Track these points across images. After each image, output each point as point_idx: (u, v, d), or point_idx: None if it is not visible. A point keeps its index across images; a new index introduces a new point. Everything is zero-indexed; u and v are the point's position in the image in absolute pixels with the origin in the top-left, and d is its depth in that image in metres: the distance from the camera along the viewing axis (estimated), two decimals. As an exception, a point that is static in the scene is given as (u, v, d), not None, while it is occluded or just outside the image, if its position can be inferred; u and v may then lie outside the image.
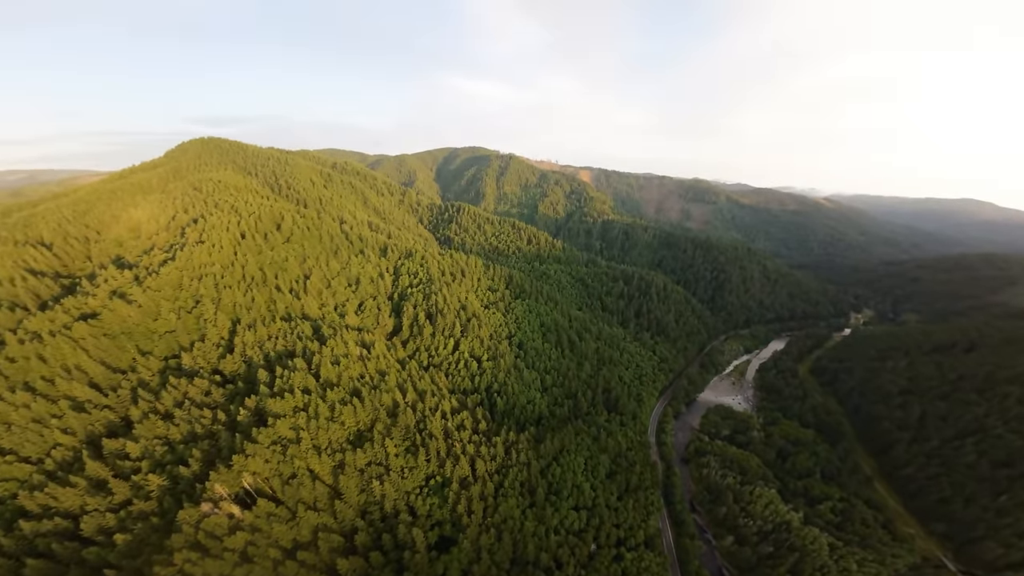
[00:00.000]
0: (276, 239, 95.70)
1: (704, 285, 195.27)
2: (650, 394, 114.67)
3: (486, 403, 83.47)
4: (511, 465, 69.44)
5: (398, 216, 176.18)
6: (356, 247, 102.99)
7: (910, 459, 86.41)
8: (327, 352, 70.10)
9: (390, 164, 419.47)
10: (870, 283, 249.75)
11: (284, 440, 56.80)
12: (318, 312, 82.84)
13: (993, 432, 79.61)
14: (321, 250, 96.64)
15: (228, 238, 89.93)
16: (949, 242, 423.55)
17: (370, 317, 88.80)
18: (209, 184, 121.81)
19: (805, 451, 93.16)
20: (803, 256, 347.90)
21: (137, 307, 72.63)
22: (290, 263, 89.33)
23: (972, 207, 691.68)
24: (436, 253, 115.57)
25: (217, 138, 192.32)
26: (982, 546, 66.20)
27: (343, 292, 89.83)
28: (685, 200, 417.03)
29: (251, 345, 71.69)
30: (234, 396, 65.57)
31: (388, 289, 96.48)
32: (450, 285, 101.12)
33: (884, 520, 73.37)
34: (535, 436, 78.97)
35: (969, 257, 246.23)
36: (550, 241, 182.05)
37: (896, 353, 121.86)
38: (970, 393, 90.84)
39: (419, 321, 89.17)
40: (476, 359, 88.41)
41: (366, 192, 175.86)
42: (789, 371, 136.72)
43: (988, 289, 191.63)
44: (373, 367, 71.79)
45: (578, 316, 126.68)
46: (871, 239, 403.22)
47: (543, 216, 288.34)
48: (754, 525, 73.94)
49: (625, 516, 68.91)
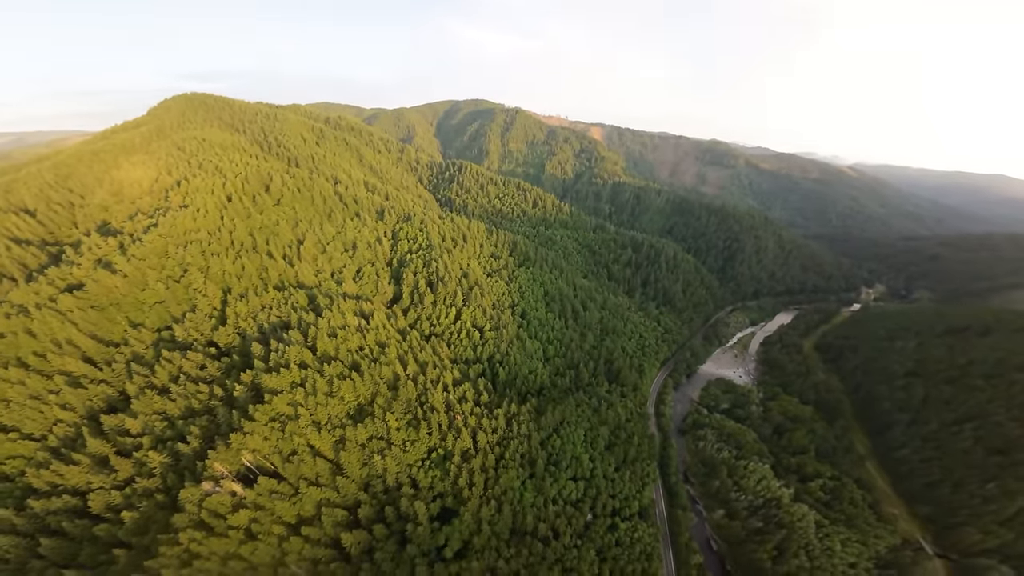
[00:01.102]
0: (265, 202, 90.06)
1: (715, 254, 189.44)
2: (652, 365, 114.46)
3: (488, 373, 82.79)
4: (512, 437, 69.71)
5: (396, 175, 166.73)
6: (351, 209, 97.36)
7: (906, 441, 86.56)
8: (324, 324, 67.75)
9: (387, 118, 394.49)
10: (886, 258, 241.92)
11: (282, 417, 56.08)
12: (314, 280, 79.56)
13: (993, 419, 78.62)
14: (314, 213, 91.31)
15: (213, 201, 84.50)
16: (974, 219, 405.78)
17: (369, 284, 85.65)
18: (193, 143, 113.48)
19: (802, 428, 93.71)
20: (820, 227, 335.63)
21: (123, 277, 69.50)
22: (281, 227, 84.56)
23: (1002, 183, 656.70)
24: (436, 217, 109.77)
25: (202, 94, 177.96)
26: (962, 531, 67.32)
27: (339, 258, 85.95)
28: (701, 163, 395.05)
29: (244, 316, 69.33)
30: (230, 370, 64.30)
31: (387, 255, 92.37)
32: (451, 251, 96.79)
33: (872, 500, 74.75)
34: (536, 408, 78.99)
35: (994, 236, 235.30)
36: (557, 204, 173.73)
37: (906, 333, 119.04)
38: (977, 378, 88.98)
39: (419, 289, 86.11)
40: (478, 329, 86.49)
41: (361, 149, 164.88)
42: (794, 346, 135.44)
43: (1009, 271, 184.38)
44: (372, 339, 69.78)
45: (583, 285, 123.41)
46: (892, 212, 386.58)
47: (550, 176, 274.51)
48: (745, 499, 75.49)
49: (621, 487, 70.36)
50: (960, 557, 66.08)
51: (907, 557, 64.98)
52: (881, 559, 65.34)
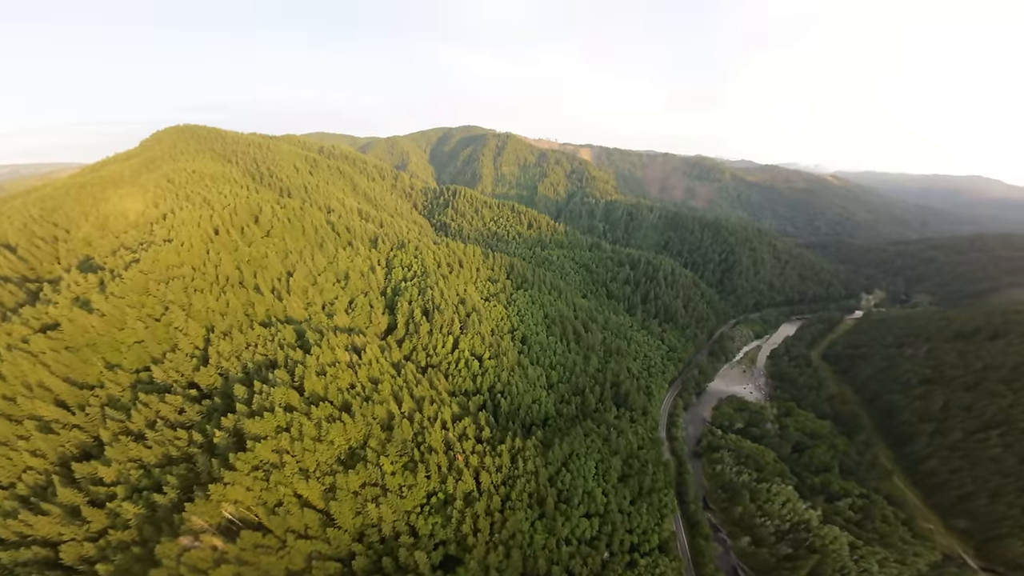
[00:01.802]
0: (254, 233, 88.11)
1: (712, 268, 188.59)
2: (659, 386, 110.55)
3: (489, 405, 78.71)
4: (518, 476, 65.23)
5: (390, 202, 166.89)
6: (344, 239, 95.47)
7: (932, 452, 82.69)
8: (312, 361, 64.15)
9: (381, 146, 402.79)
10: (881, 263, 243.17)
11: (266, 465, 51.78)
12: (303, 313, 76.45)
13: (1020, 425, 75.51)
14: (305, 243, 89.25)
15: (199, 235, 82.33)
16: (958, 220, 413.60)
17: (362, 315, 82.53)
18: (183, 175, 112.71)
19: (822, 444, 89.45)
20: (811, 235, 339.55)
21: (100, 316, 66.18)
22: (270, 260, 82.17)
23: (980, 184, 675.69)
24: (431, 242, 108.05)
25: (194, 125, 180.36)
26: (1005, 544, 63.68)
27: (331, 289, 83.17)
28: (689, 178, 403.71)
29: (227, 356, 65.74)
30: (210, 413, 60.24)
31: (380, 284, 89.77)
32: (447, 277, 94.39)
33: (905, 517, 70.71)
34: (542, 440, 74.50)
35: (985, 237, 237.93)
36: (551, 225, 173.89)
37: (915, 340, 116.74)
38: (996, 384, 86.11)
39: (415, 318, 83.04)
40: (477, 358, 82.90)
41: (355, 177, 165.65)
42: (802, 358, 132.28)
43: (1005, 271, 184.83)
44: (365, 375, 66.07)
45: (583, 305, 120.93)
46: (879, 217, 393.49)
47: (543, 197, 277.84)
48: (771, 525, 71.09)
49: (639, 521, 66.16)
50: (1007, 571, 61.76)
51: (951, 574, 60.19)
52: None
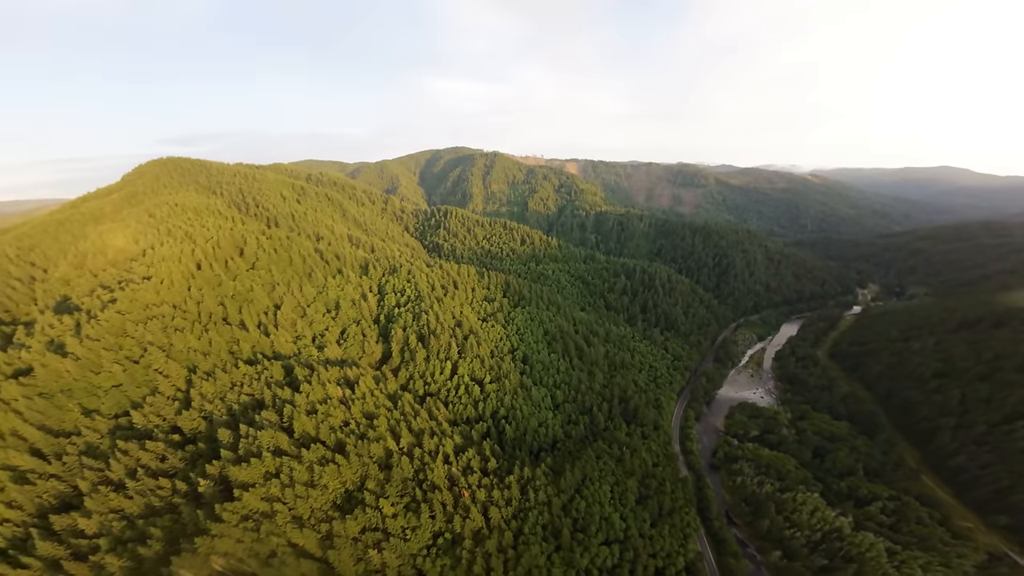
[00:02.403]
0: (239, 267, 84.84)
1: (707, 272, 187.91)
2: (668, 397, 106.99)
3: (493, 433, 74.41)
4: (529, 507, 60.87)
5: (381, 226, 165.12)
6: (333, 267, 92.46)
7: (957, 448, 79.47)
8: (301, 400, 59.98)
9: (370, 171, 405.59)
10: (870, 257, 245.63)
11: (256, 514, 47.10)
12: (292, 348, 72.50)
13: None
14: (293, 274, 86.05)
15: (180, 271, 78.85)
16: (936, 210, 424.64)
17: (354, 346, 78.68)
18: (165, 208, 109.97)
19: (843, 447, 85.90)
20: (798, 233, 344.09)
21: (75, 360, 61.86)
22: (256, 293, 78.66)
23: (950, 174, 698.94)
24: (424, 266, 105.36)
25: (178, 157, 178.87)
26: None
27: (321, 320, 79.54)
28: (674, 185, 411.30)
29: (210, 397, 61.44)
30: (195, 460, 55.61)
31: (373, 311, 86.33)
32: (442, 300, 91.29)
33: (940, 517, 66.86)
34: (552, 467, 70.16)
35: (969, 225, 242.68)
36: (544, 239, 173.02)
37: (920, 332, 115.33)
38: (1011, 373, 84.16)
39: (410, 345, 79.36)
40: (478, 382, 79.04)
41: (344, 203, 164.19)
42: (809, 358, 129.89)
43: (992, 258, 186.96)
44: (358, 410, 61.91)
45: (583, 318, 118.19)
46: (862, 212, 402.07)
47: (534, 213, 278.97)
48: (802, 536, 67.09)
49: (661, 544, 62.74)
50: None
51: (1004, 574, 56.09)
52: None
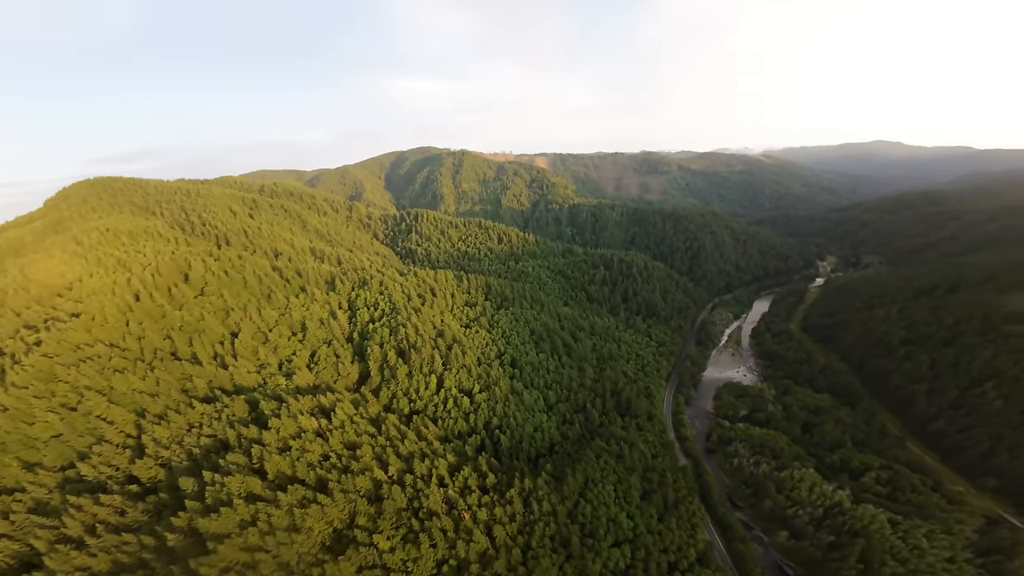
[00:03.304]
0: (185, 294, 75.42)
1: (680, 256, 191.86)
2: (658, 385, 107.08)
3: (488, 445, 70.41)
4: (535, 520, 57.89)
5: (347, 235, 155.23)
6: (295, 285, 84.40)
7: (935, 413, 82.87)
8: (271, 437, 53.35)
9: (331, 178, 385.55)
10: (825, 231, 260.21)
11: (238, 566, 40.91)
12: (256, 379, 64.91)
13: (1009, 375, 77.11)
14: (249, 297, 77.52)
15: (114, 305, 68.85)
16: (876, 183, 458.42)
17: (327, 369, 71.80)
18: (95, 235, 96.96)
19: (828, 419, 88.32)
20: (757, 213, 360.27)
21: (2, 412, 52.58)
22: (208, 322, 69.94)
23: (885, 148, 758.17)
24: (397, 275, 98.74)
25: (109, 177, 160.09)
26: None
27: (287, 345, 72.01)
28: (640, 173, 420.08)
29: (165, 443, 53.57)
30: (158, 511, 49.00)
31: (345, 329, 79.43)
32: (420, 310, 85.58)
33: (932, 483, 69.18)
34: (553, 474, 67.19)
35: (908, 196, 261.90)
36: (522, 236, 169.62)
37: (883, 301, 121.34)
38: (972, 337, 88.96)
39: (389, 361, 73.45)
40: (466, 393, 74.51)
41: (304, 214, 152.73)
42: (784, 333, 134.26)
43: (933, 226, 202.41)
44: (338, 441, 55.93)
45: (567, 313, 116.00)
46: (813, 189, 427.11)
47: (508, 209, 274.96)
48: (804, 514, 67.85)
49: (671, 538, 61.92)
50: None
51: (1006, 538, 58.28)
52: (975, 545, 58.34)
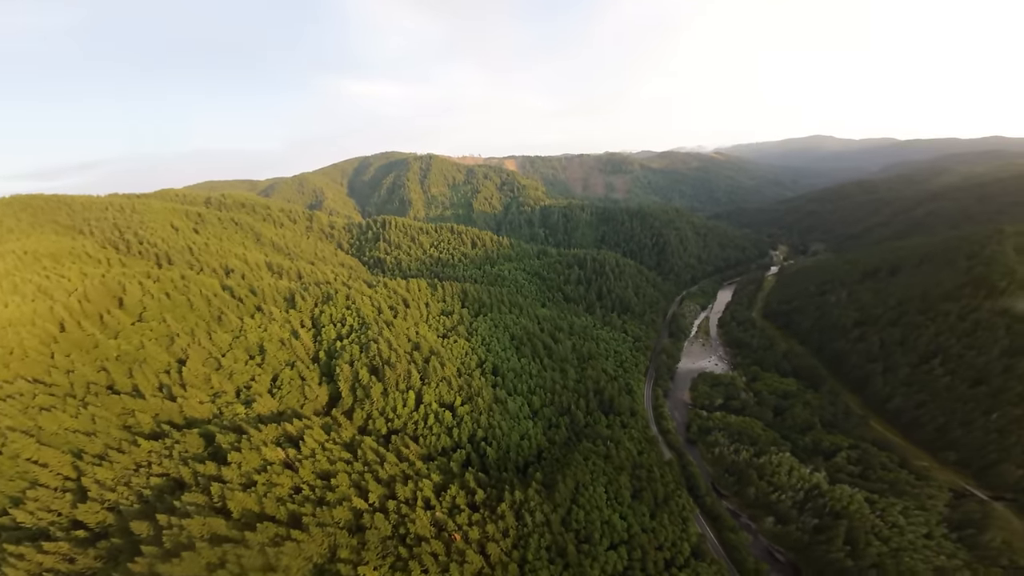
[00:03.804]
0: (121, 321, 66.57)
1: (648, 252, 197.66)
2: (637, 380, 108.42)
3: (474, 459, 67.51)
4: (528, 532, 56.02)
5: (308, 247, 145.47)
6: (249, 304, 77.05)
7: (891, 391, 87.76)
8: (233, 472, 47.72)
9: (288, 187, 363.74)
10: (775, 221, 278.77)
11: None
12: (210, 409, 58.13)
13: (953, 352, 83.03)
14: (196, 320, 69.70)
15: (35, 336, 59.51)
16: (815, 174, 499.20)
17: (292, 393, 65.80)
18: (10, 259, 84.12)
19: (797, 403, 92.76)
20: (714, 207, 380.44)
21: None
22: (149, 350, 61.96)
23: (820, 142, 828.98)
24: (365, 287, 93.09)
25: (27, 195, 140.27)
26: (1000, 469, 66.68)
27: (244, 370, 65.23)
28: (605, 173, 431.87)
29: (110, 484, 47.33)
30: (113, 557, 42.69)
31: (310, 349, 73.39)
32: (392, 323, 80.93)
33: (899, 460, 73.10)
34: (544, 482, 65.36)
35: (846, 186, 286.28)
36: (496, 239, 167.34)
37: (833, 285, 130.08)
38: (915, 315, 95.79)
39: (362, 380, 68.56)
40: (448, 407, 71.10)
41: (258, 226, 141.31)
42: (748, 321, 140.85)
43: (869, 212, 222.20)
44: (310, 471, 51.00)
45: (546, 315, 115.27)
46: (761, 182, 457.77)
47: (480, 213, 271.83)
48: (787, 498, 70.33)
49: (664, 534, 62.30)
50: (1017, 495, 64.54)
51: (976, 511, 61.99)
52: (948, 520, 61.96)
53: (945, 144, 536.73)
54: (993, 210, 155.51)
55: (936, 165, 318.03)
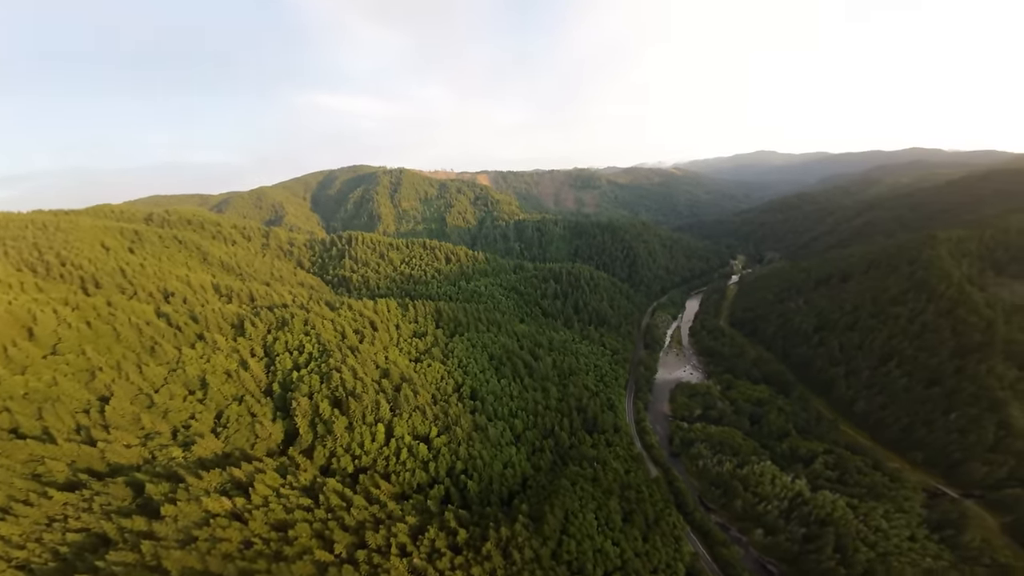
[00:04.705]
0: (29, 354, 55.85)
1: (619, 264, 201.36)
2: (618, 395, 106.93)
3: (454, 494, 61.80)
4: (518, 571, 51.67)
5: (263, 266, 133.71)
6: (188, 332, 67.69)
7: (855, 394, 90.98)
8: (167, 528, 39.72)
9: (243, 202, 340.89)
10: (732, 233, 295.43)
11: None
12: (140, 454, 49.19)
13: (907, 353, 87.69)
14: (123, 352, 59.85)
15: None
16: (762, 187, 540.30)
17: (240, 432, 57.38)
18: None
19: (771, 409, 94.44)
20: (676, 220, 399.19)
21: None
22: (64, 387, 52.02)
23: (765, 157, 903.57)
24: (326, 309, 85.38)
25: None
26: (967, 467, 69.11)
27: (181, 407, 56.22)
28: (575, 188, 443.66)
29: (18, 541, 38.17)
30: None
31: (261, 381, 65.05)
32: (358, 349, 74.10)
33: (872, 462, 74.98)
34: (530, 514, 60.64)
35: (791, 199, 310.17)
36: (471, 254, 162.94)
37: (791, 293, 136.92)
38: (868, 319, 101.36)
39: (323, 414, 61.29)
40: (422, 439, 65.09)
41: (205, 244, 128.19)
42: (717, 330, 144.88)
43: (815, 222, 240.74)
44: (262, 522, 43.66)
45: (524, 331, 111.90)
46: (716, 196, 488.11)
47: (454, 228, 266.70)
48: (773, 508, 70.03)
49: (658, 557, 60.39)
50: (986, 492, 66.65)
51: (952, 511, 63.52)
52: (928, 521, 63.18)
53: (871, 156, 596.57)
54: (924, 217, 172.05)
55: (867, 176, 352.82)
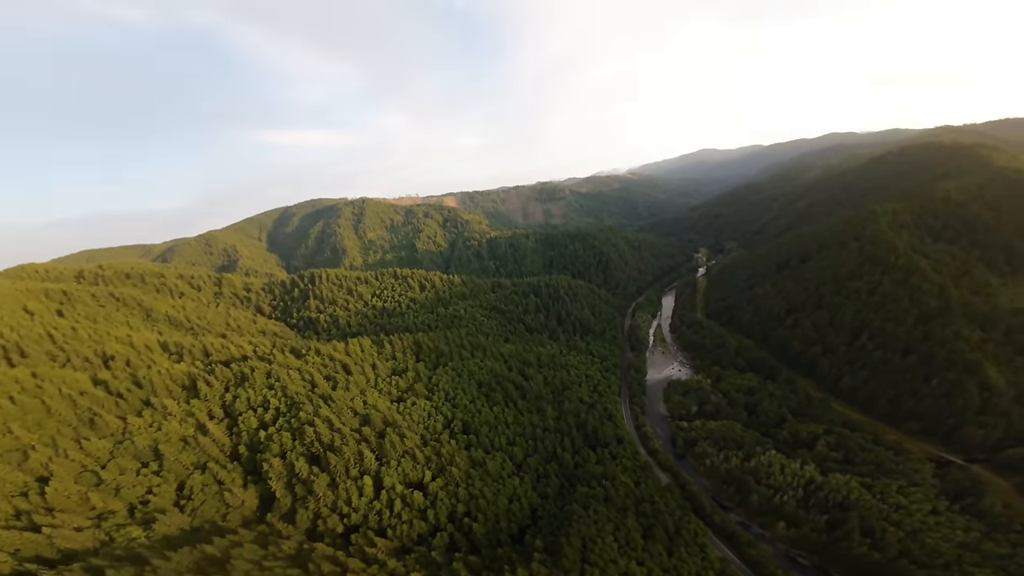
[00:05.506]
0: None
1: (594, 271, 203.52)
2: (614, 403, 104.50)
3: (460, 539, 55.87)
4: None
5: (217, 317, 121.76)
6: (132, 400, 58.37)
7: (838, 371, 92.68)
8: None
9: (191, 249, 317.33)
10: (691, 228, 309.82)
11: None
12: (94, 536, 40.25)
13: (875, 326, 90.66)
14: (58, 426, 50.42)
15: None
16: (711, 182, 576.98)
17: (208, 503, 49.05)
18: None
19: (764, 397, 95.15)
20: (638, 221, 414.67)
21: None
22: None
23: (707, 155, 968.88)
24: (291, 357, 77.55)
25: None
26: (963, 432, 69.85)
27: (136, 481, 47.47)
28: (542, 202, 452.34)
29: None
30: None
31: (225, 445, 56.73)
32: (331, 397, 67.11)
33: (872, 438, 75.31)
34: (545, 548, 55.55)
35: (738, 190, 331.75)
36: (446, 278, 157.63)
37: (757, 279, 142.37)
38: (833, 296, 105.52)
39: (300, 474, 53.93)
40: (416, 486, 59.00)
41: (148, 300, 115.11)
42: (696, 323, 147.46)
43: (763, 210, 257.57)
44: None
45: (511, 351, 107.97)
46: (671, 195, 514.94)
47: (425, 253, 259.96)
48: (789, 498, 68.33)
49: (687, 569, 57.20)
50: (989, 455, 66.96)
51: (964, 479, 63.43)
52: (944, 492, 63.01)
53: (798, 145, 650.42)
54: (857, 195, 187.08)
55: (800, 163, 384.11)
